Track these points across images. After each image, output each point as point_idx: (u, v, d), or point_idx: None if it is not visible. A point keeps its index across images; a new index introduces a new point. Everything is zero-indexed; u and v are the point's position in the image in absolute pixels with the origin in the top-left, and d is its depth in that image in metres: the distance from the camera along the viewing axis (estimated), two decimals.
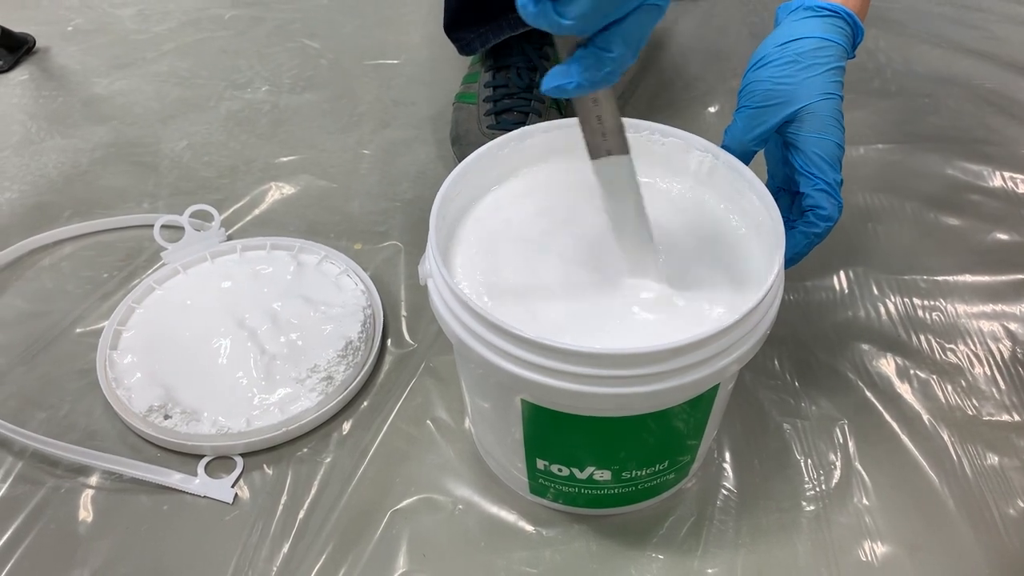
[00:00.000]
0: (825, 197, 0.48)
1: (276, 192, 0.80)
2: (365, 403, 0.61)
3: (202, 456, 0.57)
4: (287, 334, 0.63)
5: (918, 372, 0.61)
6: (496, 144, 0.50)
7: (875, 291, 0.68)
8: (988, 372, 0.61)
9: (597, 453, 0.47)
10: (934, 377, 0.61)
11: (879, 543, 0.52)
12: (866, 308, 0.66)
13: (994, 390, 0.60)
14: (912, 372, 0.61)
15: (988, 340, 0.64)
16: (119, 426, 0.59)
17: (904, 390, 0.60)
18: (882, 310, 0.66)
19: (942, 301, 0.66)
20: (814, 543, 0.52)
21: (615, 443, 0.46)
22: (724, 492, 0.55)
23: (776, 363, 0.62)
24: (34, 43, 1.02)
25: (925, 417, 0.58)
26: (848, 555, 0.51)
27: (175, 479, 0.55)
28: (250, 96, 0.93)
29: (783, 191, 0.53)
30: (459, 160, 0.49)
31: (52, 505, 0.55)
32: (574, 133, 0.52)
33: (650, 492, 0.52)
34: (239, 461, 0.56)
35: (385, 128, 0.88)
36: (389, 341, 0.65)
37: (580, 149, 0.53)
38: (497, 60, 0.83)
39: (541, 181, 0.52)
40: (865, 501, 0.54)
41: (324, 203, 0.78)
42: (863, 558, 0.51)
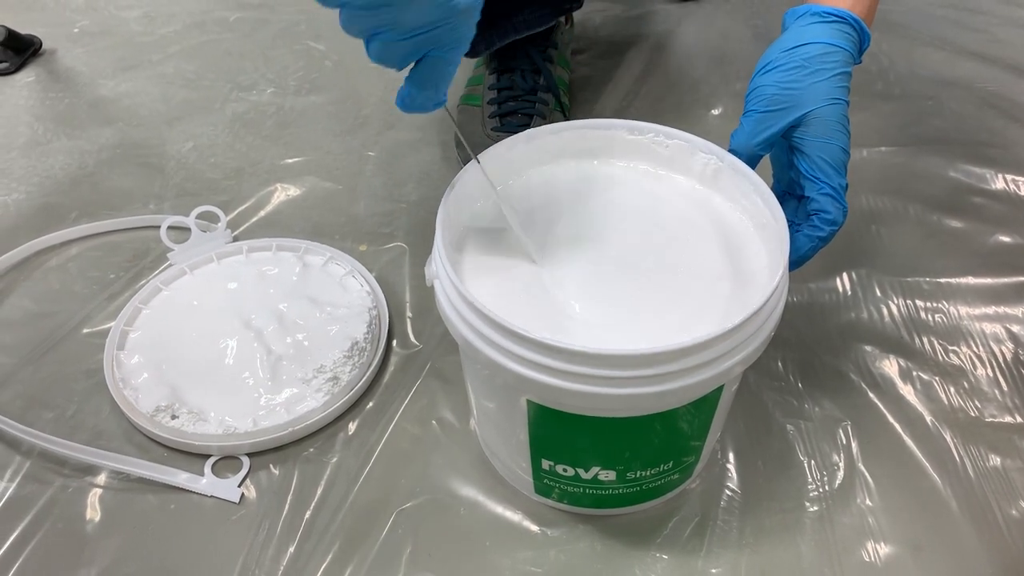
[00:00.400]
0: (830, 201, 0.49)
1: (282, 193, 0.80)
2: (371, 404, 0.61)
3: (209, 456, 0.57)
4: (293, 335, 0.63)
5: (921, 374, 0.62)
6: (504, 145, 0.50)
7: (878, 293, 0.68)
8: (991, 374, 0.61)
9: (602, 453, 0.47)
10: (937, 379, 0.61)
11: (882, 544, 0.52)
12: (869, 310, 0.66)
13: (996, 392, 0.60)
14: (915, 373, 0.62)
15: (991, 342, 0.64)
16: (126, 426, 0.59)
17: (907, 391, 0.60)
18: (885, 312, 0.66)
19: (945, 303, 0.67)
20: (817, 543, 0.52)
21: (620, 444, 0.46)
22: (728, 492, 0.55)
23: (780, 364, 0.62)
24: (40, 45, 1.03)
25: (928, 418, 0.59)
26: (851, 555, 0.51)
27: (182, 479, 0.56)
28: (255, 98, 0.94)
29: (788, 195, 0.53)
30: (463, 163, 0.50)
31: (60, 504, 0.55)
32: (581, 135, 0.53)
33: (654, 492, 0.52)
34: (245, 461, 0.57)
35: (390, 130, 0.88)
36: (394, 342, 0.65)
37: (586, 150, 0.53)
38: (501, 63, 0.83)
39: (547, 182, 0.53)
40: (868, 502, 0.54)
41: (329, 204, 0.79)
42: (866, 558, 0.51)
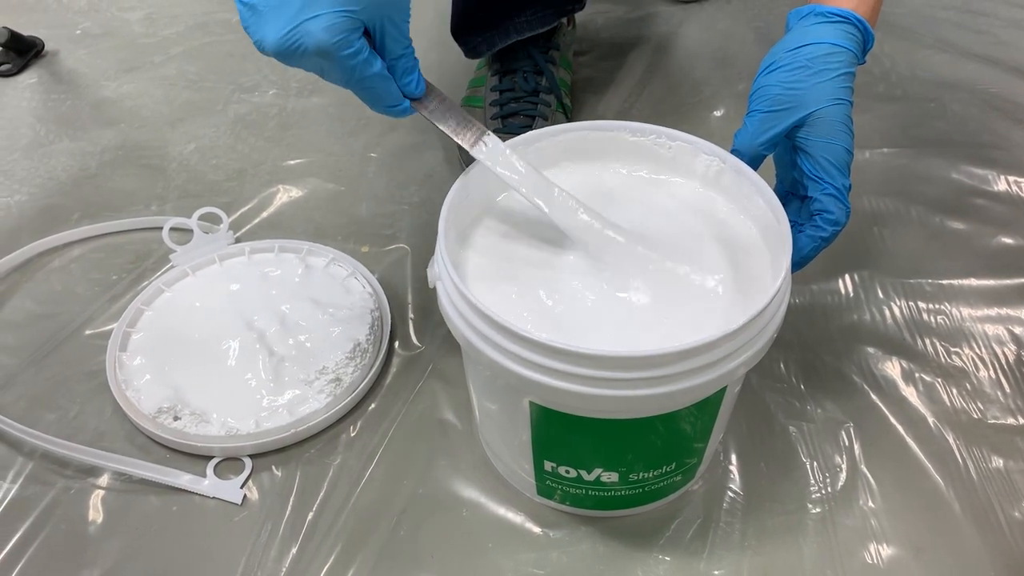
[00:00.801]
0: (833, 202, 0.49)
1: (284, 195, 0.80)
2: (373, 405, 0.61)
3: (211, 457, 0.57)
4: (295, 336, 0.63)
5: (923, 375, 0.61)
6: (507, 146, 0.50)
7: (880, 295, 0.68)
8: (993, 375, 0.61)
9: (605, 455, 0.47)
10: (939, 380, 0.61)
11: (884, 545, 0.52)
12: (871, 311, 0.66)
13: (999, 393, 0.60)
14: (917, 375, 0.61)
15: (993, 344, 0.64)
16: (128, 427, 0.59)
17: (909, 393, 0.60)
18: (887, 313, 0.66)
19: (947, 305, 0.67)
20: (820, 545, 0.52)
21: (623, 445, 0.46)
22: (730, 494, 0.55)
23: (782, 366, 0.62)
24: (43, 46, 1.03)
25: (930, 420, 0.59)
26: (853, 557, 0.51)
27: (184, 480, 0.56)
28: (258, 99, 0.94)
29: (791, 195, 0.53)
30: (465, 164, 0.50)
31: (62, 506, 0.55)
32: (583, 137, 0.53)
33: (657, 494, 0.52)
34: (248, 462, 0.57)
35: (392, 131, 0.88)
36: (397, 343, 0.65)
37: (588, 152, 0.53)
38: (503, 64, 0.83)
39: None
40: (871, 503, 0.54)
41: (332, 206, 0.79)
42: (868, 560, 0.51)
